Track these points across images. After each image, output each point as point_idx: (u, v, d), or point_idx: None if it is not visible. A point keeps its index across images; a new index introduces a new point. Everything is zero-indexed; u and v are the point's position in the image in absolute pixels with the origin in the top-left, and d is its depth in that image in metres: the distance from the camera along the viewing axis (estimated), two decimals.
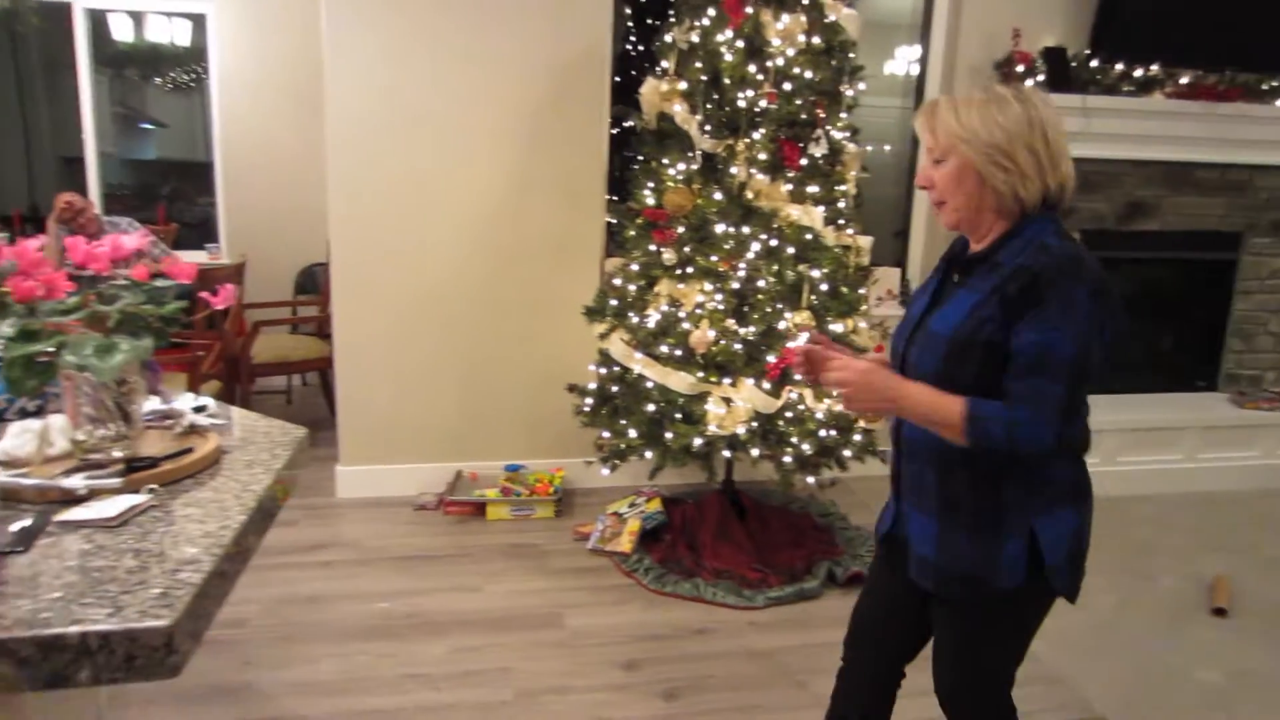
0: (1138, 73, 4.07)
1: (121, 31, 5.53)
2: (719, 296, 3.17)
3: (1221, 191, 4.36)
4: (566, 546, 3.59)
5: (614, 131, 4.05)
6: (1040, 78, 3.96)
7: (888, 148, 4.66)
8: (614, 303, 3.48)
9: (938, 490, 1.66)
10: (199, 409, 1.61)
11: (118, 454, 1.36)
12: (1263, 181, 4.39)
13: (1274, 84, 4.14)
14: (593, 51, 3.81)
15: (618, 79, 4.09)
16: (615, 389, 3.42)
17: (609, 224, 3.93)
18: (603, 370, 3.52)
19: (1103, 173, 4.12)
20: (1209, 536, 3.85)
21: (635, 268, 3.42)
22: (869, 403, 1.61)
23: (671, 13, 3.39)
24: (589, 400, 3.55)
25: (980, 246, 1.63)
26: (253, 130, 5.53)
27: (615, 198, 4.05)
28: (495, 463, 4.08)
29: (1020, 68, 3.96)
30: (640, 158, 3.46)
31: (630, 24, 4.42)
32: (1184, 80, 4.09)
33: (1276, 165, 4.34)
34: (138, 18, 5.50)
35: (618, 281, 3.48)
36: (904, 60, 4.58)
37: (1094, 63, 4.05)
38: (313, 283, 5.69)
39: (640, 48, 4.19)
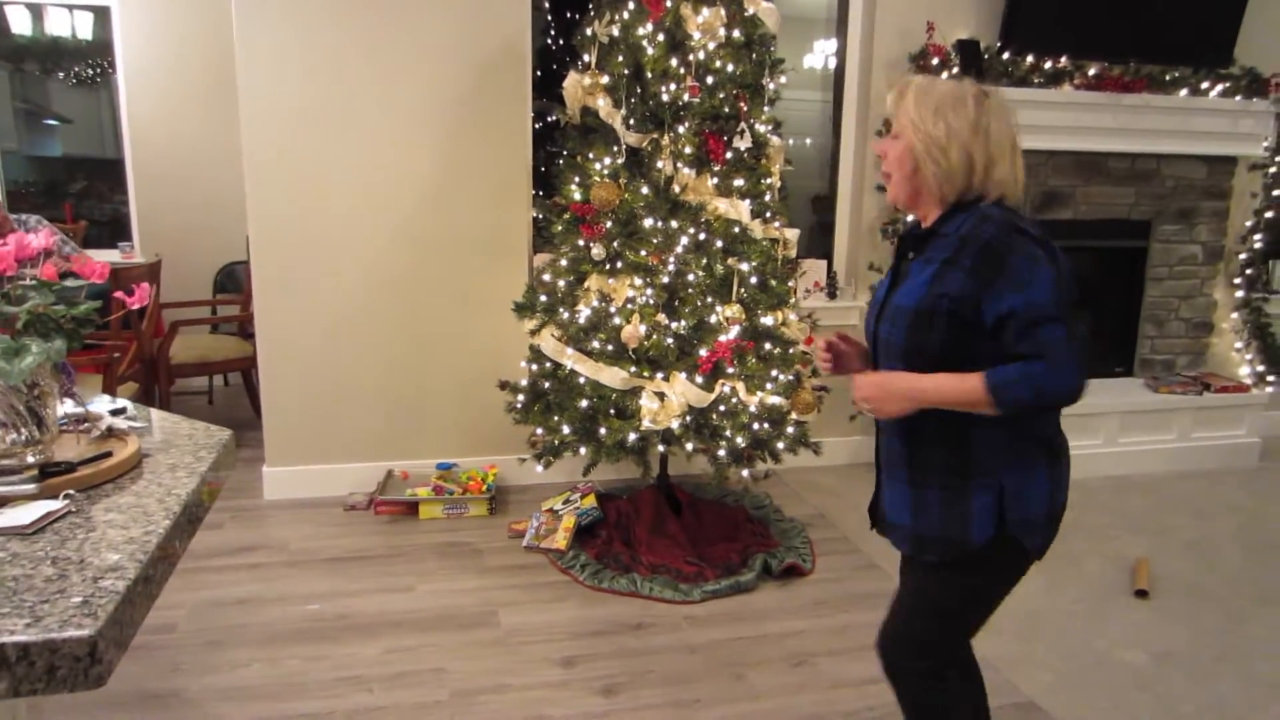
0: (1047, 65, 4.20)
1: (20, 24, 5.29)
2: (649, 291, 3.18)
3: (1131, 180, 4.53)
4: (501, 544, 3.56)
5: (537, 126, 4.03)
6: (954, 70, 4.06)
7: (808, 141, 4.73)
8: (544, 299, 3.47)
9: (908, 457, 1.76)
10: (117, 412, 1.55)
11: (31, 459, 1.30)
12: (1169, 170, 4.57)
13: (1175, 75, 4.32)
14: (512, 45, 3.78)
15: (539, 73, 4.08)
16: (547, 385, 3.41)
17: (535, 219, 3.91)
18: (533, 367, 3.50)
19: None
20: (1129, 519, 4.00)
21: (564, 263, 3.40)
22: (894, 406, 1.68)
23: (591, 6, 3.38)
24: (521, 397, 3.53)
25: (928, 224, 1.75)
26: (164, 126, 5.35)
27: (541, 193, 4.04)
28: (427, 461, 4.03)
29: (935, 60, 4.06)
30: (565, 153, 3.45)
31: (549, 18, 4.40)
32: (1091, 72, 4.24)
33: (1181, 154, 4.53)
34: (36, 10, 5.27)
35: (547, 277, 3.47)
36: (822, 54, 4.66)
37: (1005, 55, 4.17)
38: (233, 281, 5.54)
39: (560, 42, 4.18)
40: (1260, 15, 4.42)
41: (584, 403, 3.26)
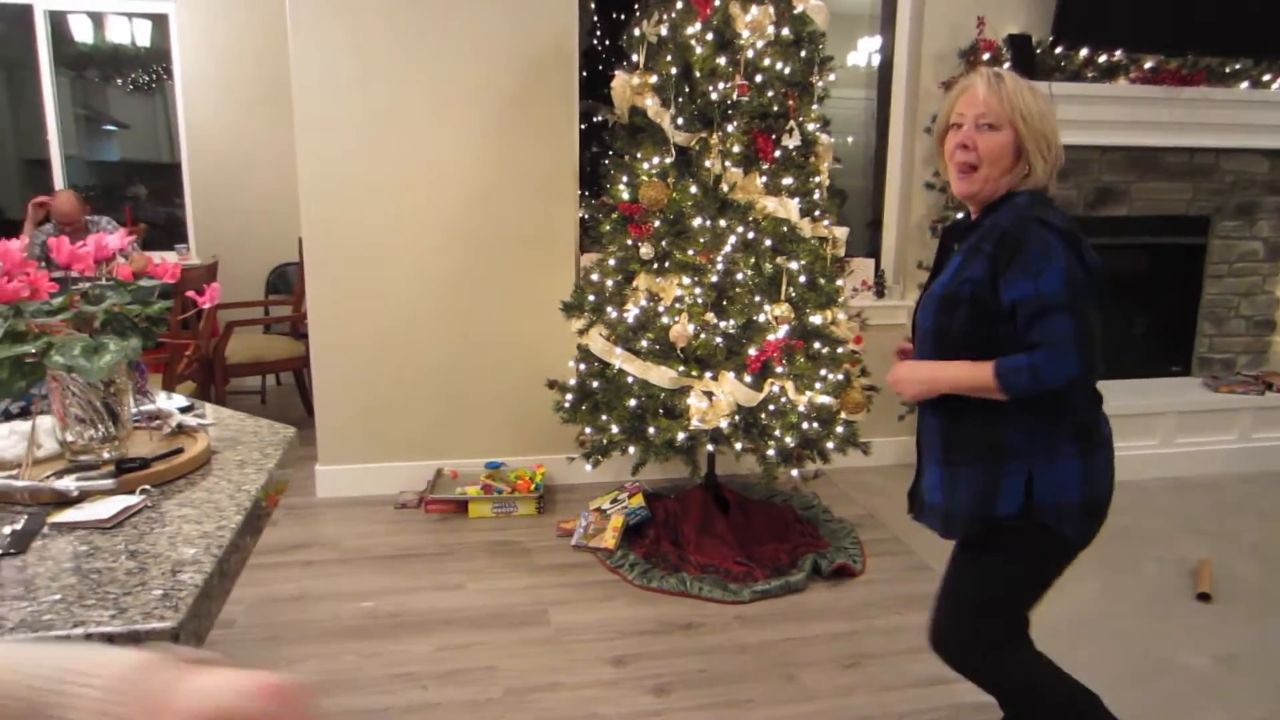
0: (1101, 59, 4.12)
1: (82, 33, 5.44)
2: (698, 290, 3.18)
3: (1188, 176, 4.43)
4: (550, 543, 3.58)
5: (584, 127, 4.05)
6: (1006, 65, 4.00)
7: (851, 139, 4.69)
8: (591, 298, 3.48)
9: (942, 434, 1.82)
10: (186, 409, 1.59)
11: (108, 455, 1.34)
12: (1229, 165, 4.46)
13: (1236, 67, 4.22)
14: (560, 45, 3.80)
15: (585, 74, 4.09)
16: (596, 385, 3.42)
17: (583, 219, 3.92)
18: (582, 366, 3.52)
19: (1071, 159, 4.17)
20: (1189, 521, 3.91)
21: (612, 263, 3.41)
22: (914, 388, 1.80)
23: (638, 6, 3.39)
24: (569, 396, 3.54)
25: (976, 216, 1.81)
26: (220, 130, 5.46)
27: (588, 193, 4.05)
28: (476, 460, 4.07)
29: (986, 55, 4.00)
30: (612, 152, 3.46)
31: (595, 18, 4.41)
32: (1148, 65, 4.15)
33: (1242, 148, 4.42)
34: (97, 19, 5.41)
35: (595, 277, 3.48)
36: (865, 52, 4.61)
37: (1058, 49, 4.10)
38: (285, 283, 5.63)
39: (607, 42, 4.19)
40: None
41: (632, 402, 3.26)
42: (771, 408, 3.13)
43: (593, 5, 4.33)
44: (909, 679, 2.70)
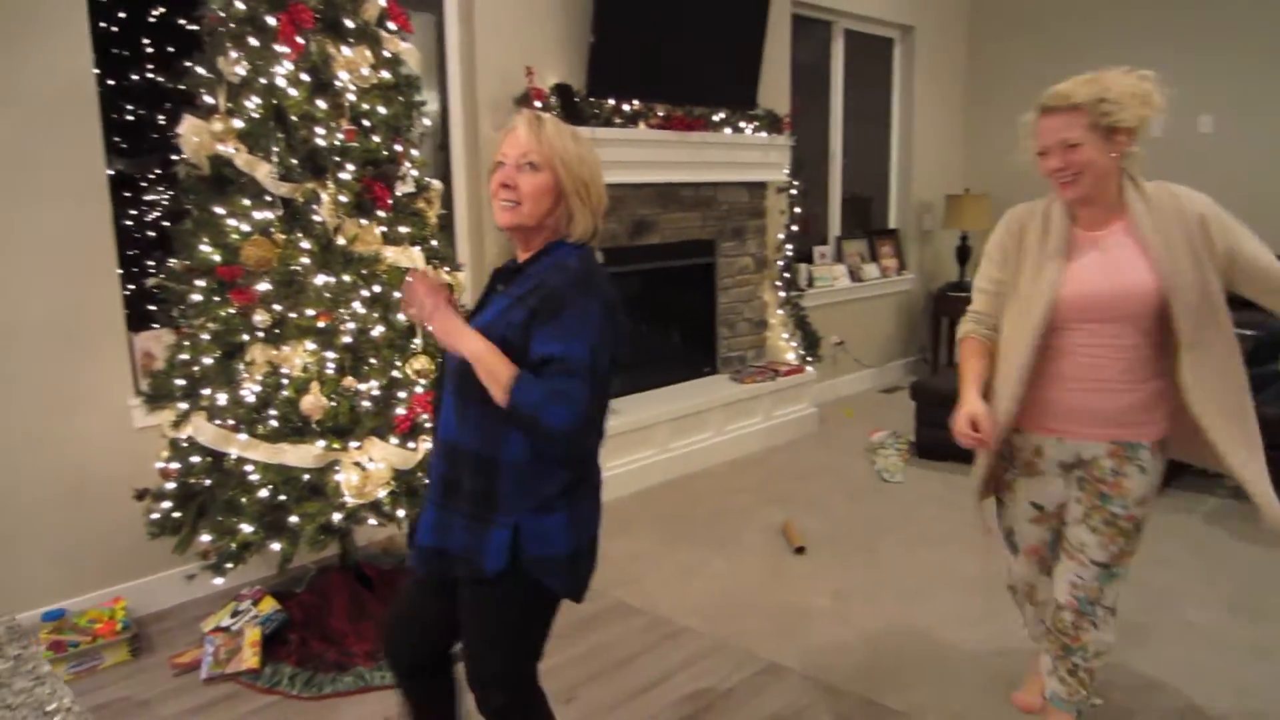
0: (625, 107, 4.62)
1: None
2: (329, 354, 2.87)
3: (698, 206, 5.16)
4: (171, 686, 2.94)
5: (130, 180, 3.39)
6: (556, 113, 4.28)
7: None
8: (181, 382, 2.94)
9: (444, 476, 1.82)
10: None
11: None
12: (723, 196, 5.29)
13: (721, 115, 5.03)
14: (76, 88, 3.14)
15: (129, 117, 3.45)
16: (208, 482, 2.89)
17: (150, 291, 3.28)
18: (175, 465, 2.95)
19: (614, 196, 4.56)
20: (759, 493, 4.55)
21: (206, 337, 2.92)
22: (446, 323, 1.74)
23: (205, 41, 2.95)
24: (166, 504, 2.95)
25: (523, 259, 1.82)
26: None
27: (149, 261, 3.40)
28: (26, 614, 3.15)
29: (538, 103, 4.24)
30: (189, 209, 2.97)
31: (124, 52, 3.71)
32: (661, 113, 4.76)
33: (730, 182, 5.27)
34: None
35: (184, 357, 2.94)
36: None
37: (592, 99, 4.50)
38: None
39: (159, 80, 3.55)
40: (770, 68, 5.33)
41: (264, 492, 2.82)
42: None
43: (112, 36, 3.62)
44: (626, 693, 2.79)
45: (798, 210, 5.64)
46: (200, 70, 2.91)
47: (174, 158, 3.10)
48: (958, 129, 7.32)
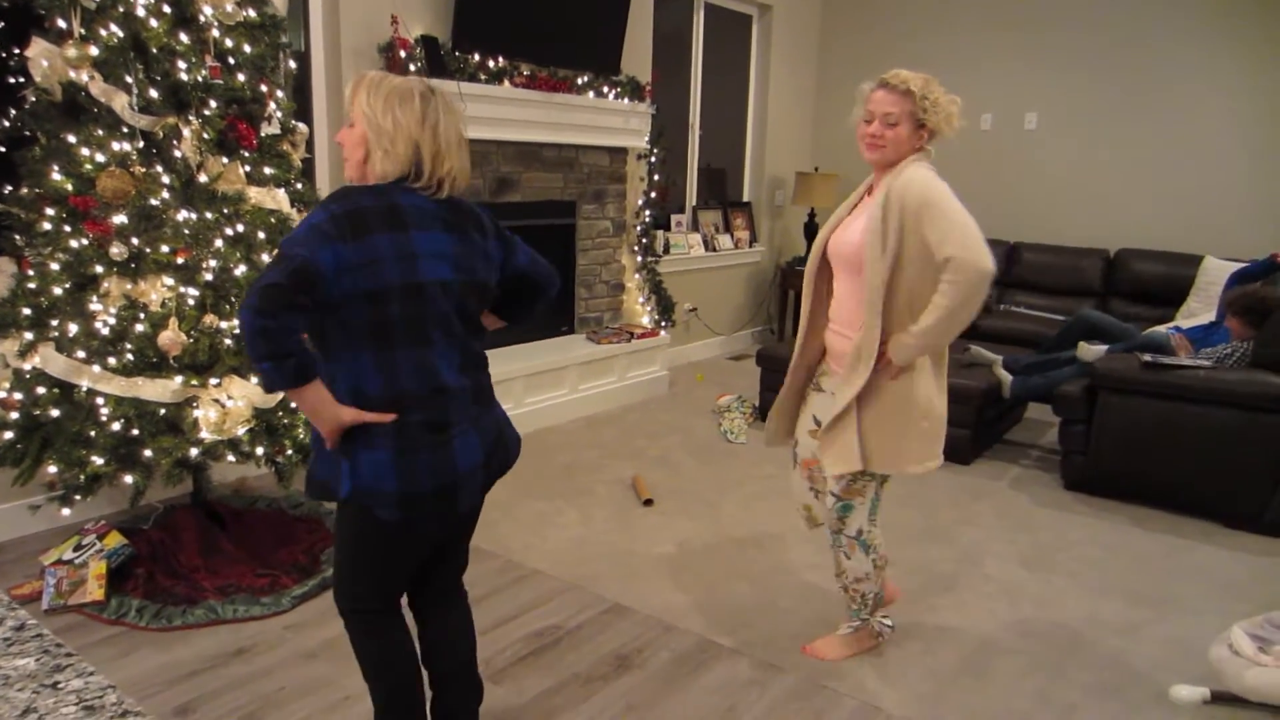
0: (490, 63, 4.70)
1: None
2: (189, 291, 2.88)
3: (560, 167, 5.29)
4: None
5: None
6: (420, 63, 4.31)
7: None
8: (27, 312, 2.88)
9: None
10: None
11: None
12: (585, 159, 5.44)
13: (586, 79, 5.17)
14: None
15: None
16: (56, 413, 2.86)
17: None
18: (18, 396, 2.90)
19: (477, 152, 4.68)
20: (609, 449, 4.77)
21: (55, 267, 2.87)
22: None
23: None
24: (8, 434, 2.90)
25: None
26: None
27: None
28: None
29: (403, 53, 4.26)
30: (40, 136, 2.89)
31: None
32: (525, 72, 4.85)
33: (592, 145, 5.42)
34: None
35: (32, 286, 2.88)
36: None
37: (457, 52, 4.55)
38: None
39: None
40: (633, 36, 5.50)
41: (116, 425, 2.82)
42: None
43: None
44: (479, 628, 2.95)
45: (657, 178, 5.86)
46: None
47: (13, 80, 3.00)
48: (810, 109, 7.72)
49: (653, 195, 5.87)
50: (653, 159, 5.80)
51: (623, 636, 2.97)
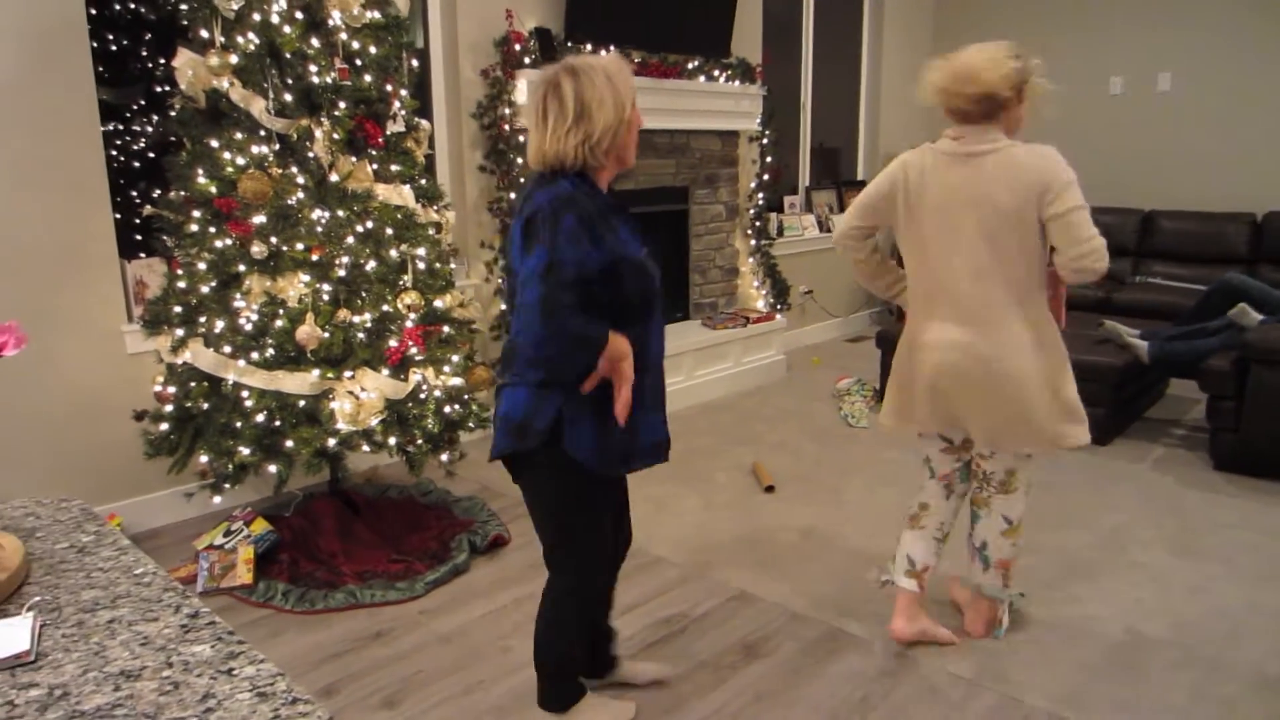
0: (602, 52, 4.69)
1: None
2: (324, 287, 2.99)
3: (672, 153, 5.27)
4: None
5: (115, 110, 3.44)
6: (535, 55, 4.35)
7: None
8: (179, 309, 3.05)
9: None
10: None
11: None
12: (696, 144, 5.41)
13: (695, 63, 5.12)
14: (68, 23, 3.17)
15: (112, 47, 3.48)
16: (206, 406, 3.02)
17: (146, 221, 3.35)
18: (171, 389, 3.07)
19: None
20: (727, 436, 4.74)
21: (202, 266, 3.02)
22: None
23: None
24: (164, 426, 3.07)
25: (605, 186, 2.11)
26: None
27: (133, 191, 3.46)
28: None
29: (518, 46, 4.31)
30: (186, 141, 3.04)
31: None
32: (637, 59, 4.84)
33: (704, 130, 5.38)
34: None
35: (182, 285, 3.04)
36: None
37: (570, 44, 4.57)
38: None
39: (141, 11, 3.57)
40: (742, 17, 5.42)
41: (260, 417, 2.96)
42: (422, 396, 3.10)
43: None
44: None
45: (769, 160, 5.78)
46: (186, 3, 2.96)
47: (160, 89, 3.16)
48: None
49: (765, 178, 5.79)
50: (764, 141, 5.71)
51: (749, 624, 2.94)
